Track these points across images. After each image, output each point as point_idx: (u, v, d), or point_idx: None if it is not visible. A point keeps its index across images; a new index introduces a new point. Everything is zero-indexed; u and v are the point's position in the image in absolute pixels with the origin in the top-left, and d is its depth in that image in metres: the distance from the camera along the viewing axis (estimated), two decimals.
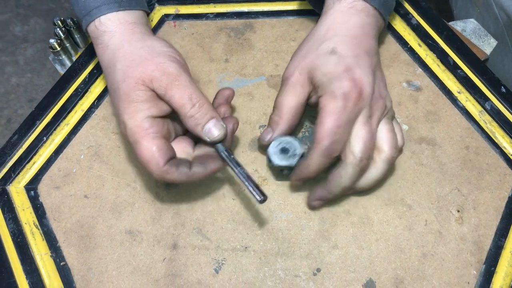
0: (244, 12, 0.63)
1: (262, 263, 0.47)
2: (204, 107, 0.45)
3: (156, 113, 0.45)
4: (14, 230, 0.50)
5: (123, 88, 0.45)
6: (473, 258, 0.47)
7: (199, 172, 0.45)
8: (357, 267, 0.47)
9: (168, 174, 0.44)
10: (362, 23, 0.50)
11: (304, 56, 0.49)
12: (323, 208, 0.50)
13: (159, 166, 0.44)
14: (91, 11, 0.50)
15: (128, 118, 0.44)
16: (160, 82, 0.44)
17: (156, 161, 0.43)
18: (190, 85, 0.45)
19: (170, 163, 0.44)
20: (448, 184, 0.51)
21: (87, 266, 0.48)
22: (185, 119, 0.45)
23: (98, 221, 0.50)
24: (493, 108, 0.54)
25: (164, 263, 0.48)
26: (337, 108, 0.44)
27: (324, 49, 0.48)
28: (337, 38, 0.48)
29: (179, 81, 0.45)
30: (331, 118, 0.44)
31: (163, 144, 0.45)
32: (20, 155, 0.53)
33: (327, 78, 0.46)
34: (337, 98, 0.45)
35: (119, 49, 0.48)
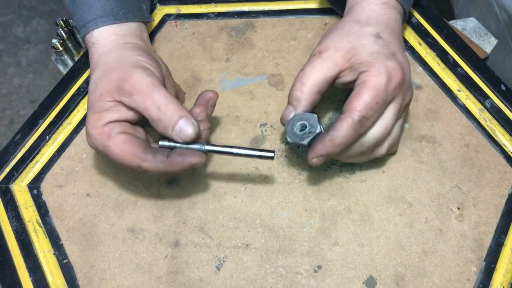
0: (245, 12, 0.63)
1: (263, 261, 0.48)
2: (169, 108, 0.44)
3: (116, 118, 0.45)
4: (17, 228, 0.50)
5: (91, 100, 0.46)
6: (473, 255, 0.48)
7: (177, 162, 0.44)
8: (358, 264, 0.47)
9: (144, 161, 0.43)
10: (396, 18, 0.51)
11: (343, 36, 0.48)
12: (324, 206, 0.50)
13: (133, 155, 0.44)
14: (87, 24, 0.51)
15: (91, 128, 0.45)
16: (122, 90, 0.45)
17: (128, 152, 0.44)
18: (154, 89, 0.44)
19: (145, 150, 0.44)
20: (448, 181, 0.51)
21: (89, 264, 0.48)
22: (154, 123, 0.45)
23: (100, 219, 0.51)
24: (493, 106, 0.55)
25: (166, 261, 0.48)
26: (380, 85, 0.44)
27: (367, 32, 0.48)
28: (380, 26, 0.49)
29: (141, 85, 0.44)
30: (372, 92, 0.44)
31: (131, 137, 0.45)
32: (23, 154, 0.54)
33: (374, 56, 0.46)
34: (382, 75, 0.44)
35: (97, 61, 0.49)
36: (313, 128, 0.46)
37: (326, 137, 0.44)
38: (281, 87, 0.57)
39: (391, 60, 0.45)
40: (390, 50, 0.47)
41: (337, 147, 0.44)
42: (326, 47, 0.48)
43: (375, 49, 0.46)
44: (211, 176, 0.52)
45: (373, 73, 0.44)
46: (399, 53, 0.47)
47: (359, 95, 0.44)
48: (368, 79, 0.44)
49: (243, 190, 0.51)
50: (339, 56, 0.47)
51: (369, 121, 0.44)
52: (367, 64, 0.45)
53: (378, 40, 0.47)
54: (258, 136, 0.54)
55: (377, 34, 0.48)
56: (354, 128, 0.44)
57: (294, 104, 0.47)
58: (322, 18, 0.62)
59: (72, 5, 0.52)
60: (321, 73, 0.46)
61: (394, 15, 0.51)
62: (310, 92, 0.46)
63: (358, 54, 0.46)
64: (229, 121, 0.55)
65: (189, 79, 0.58)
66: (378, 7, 0.51)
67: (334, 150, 0.44)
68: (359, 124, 0.44)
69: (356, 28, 0.49)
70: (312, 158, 0.45)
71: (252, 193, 0.51)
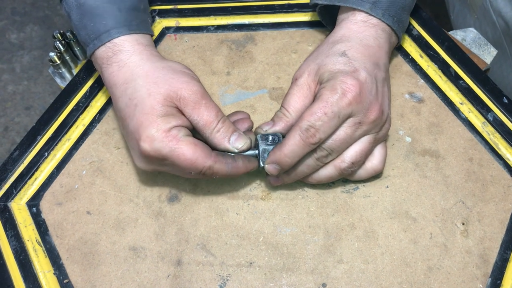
0: (245, 24, 0.62)
1: (267, 279, 0.47)
2: (227, 122, 0.47)
3: (181, 124, 0.46)
4: (16, 247, 0.49)
5: (149, 102, 0.45)
6: (478, 271, 0.47)
7: (243, 166, 0.47)
8: (362, 281, 0.47)
9: (217, 163, 0.45)
10: (376, 36, 0.51)
11: (314, 59, 0.50)
12: (328, 222, 0.50)
13: (208, 157, 0.45)
14: (100, 36, 0.50)
15: (157, 130, 0.44)
16: (187, 100, 0.45)
17: (202, 154, 0.44)
18: (214, 104, 0.47)
19: (216, 153, 0.46)
20: (452, 196, 0.51)
21: (91, 284, 0.48)
22: (211, 135, 0.46)
23: (101, 237, 0.50)
24: (495, 119, 0.54)
25: (168, 280, 0.47)
26: (331, 97, 0.45)
27: (335, 51, 0.49)
28: (349, 43, 0.49)
29: (205, 100, 0.46)
30: (321, 103, 0.45)
31: (198, 140, 0.46)
32: (21, 171, 0.53)
33: (333, 74, 0.46)
34: (335, 91, 0.45)
35: (139, 66, 0.48)
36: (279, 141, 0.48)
37: (277, 146, 0.47)
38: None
39: (348, 76, 0.46)
40: (352, 67, 0.47)
41: (286, 155, 0.46)
42: (301, 73, 0.50)
43: (336, 68, 0.47)
44: (213, 192, 0.52)
45: (327, 88, 0.45)
46: (363, 70, 0.47)
47: (309, 107, 0.45)
48: (322, 93, 0.45)
49: (246, 206, 0.51)
50: (311, 81, 0.49)
51: (318, 132, 0.44)
52: (325, 82, 0.47)
53: (341, 58, 0.48)
54: None
55: (343, 52, 0.48)
56: (301, 136, 0.45)
57: (275, 120, 0.50)
58: (322, 30, 0.62)
59: (81, 19, 0.51)
60: (299, 100, 0.49)
61: (373, 33, 0.51)
62: (292, 118, 0.49)
63: (322, 74, 0.48)
64: None
65: None
66: (356, 26, 0.51)
67: (283, 158, 0.46)
68: (307, 133, 0.44)
69: (327, 48, 0.50)
70: (266, 163, 0.48)
71: (255, 210, 0.51)
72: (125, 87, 0.47)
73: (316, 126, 0.44)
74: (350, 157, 0.47)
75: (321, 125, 0.44)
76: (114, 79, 0.49)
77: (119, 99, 0.48)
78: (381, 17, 0.51)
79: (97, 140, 0.55)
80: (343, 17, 0.53)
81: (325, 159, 0.47)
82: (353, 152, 0.47)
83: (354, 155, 0.47)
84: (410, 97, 0.57)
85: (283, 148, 0.46)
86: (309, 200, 0.51)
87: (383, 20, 0.51)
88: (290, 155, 0.46)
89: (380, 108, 0.47)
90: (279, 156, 0.46)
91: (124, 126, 0.48)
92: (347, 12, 0.52)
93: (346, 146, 0.47)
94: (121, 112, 0.48)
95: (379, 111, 0.47)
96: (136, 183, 0.52)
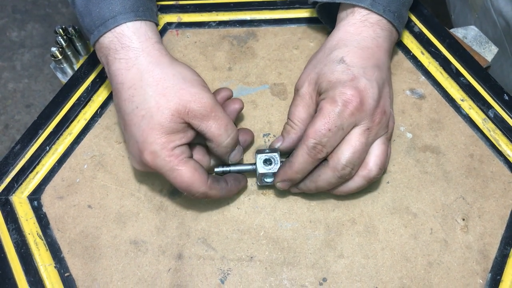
0: (247, 20, 0.63)
1: (268, 273, 0.47)
2: (235, 137, 0.47)
3: (186, 142, 0.46)
4: (17, 241, 0.49)
5: (157, 118, 0.44)
6: (478, 267, 0.47)
7: (235, 187, 0.49)
8: (363, 276, 0.47)
9: (212, 189, 0.46)
10: (375, 36, 0.50)
11: (313, 67, 0.50)
12: (328, 217, 0.50)
13: (204, 184, 0.45)
14: (106, 22, 0.48)
15: (161, 149, 0.44)
16: (196, 113, 0.45)
17: (199, 180, 0.45)
18: (225, 115, 0.46)
19: (212, 180, 0.46)
20: (453, 192, 0.51)
21: (91, 277, 0.48)
22: (218, 147, 0.47)
23: (102, 231, 0.50)
24: (496, 116, 0.54)
25: (169, 274, 0.47)
26: (333, 112, 0.45)
27: (332, 58, 0.48)
28: (347, 49, 0.49)
29: (215, 112, 0.46)
30: (324, 120, 0.45)
31: (199, 164, 0.46)
32: (23, 165, 0.53)
33: (332, 84, 0.46)
34: (336, 103, 0.45)
35: (149, 72, 0.46)
36: (277, 160, 0.49)
37: (286, 163, 0.47)
38: (283, 97, 0.57)
39: (347, 86, 0.45)
40: (351, 75, 0.46)
41: (296, 172, 0.46)
42: (301, 83, 0.50)
43: (334, 77, 0.47)
44: None
45: (327, 101, 0.46)
46: (362, 76, 0.46)
47: (313, 123, 0.45)
48: (323, 107, 0.46)
49: (247, 201, 0.51)
50: (312, 90, 0.49)
51: (325, 147, 0.45)
52: (325, 93, 0.47)
53: (339, 66, 0.47)
54: (261, 146, 0.54)
55: (340, 59, 0.48)
56: (309, 154, 0.45)
57: (284, 135, 0.50)
58: (324, 27, 0.62)
59: (86, 4, 0.49)
60: (303, 110, 0.49)
61: (371, 33, 0.50)
62: (299, 128, 0.49)
63: (321, 84, 0.48)
64: None
65: None
66: (353, 27, 0.50)
67: (293, 175, 0.47)
68: (314, 150, 0.45)
69: (324, 55, 0.50)
70: (276, 182, 0.49)
71: (256, 204, 0.51)
72: (133, 93, 0.46)
73: (322, 143, 0.45)
74: (375, 164, 0.47)
75: (327, 141, 0.45)
76: (122, 78, 0.47)
77: (124, 101, 0.47)
78: (382, 13, 0.50)
79: (99, 135, 0.55)
80: (342, 17, 0.52)
81: (349, 175, 0.47)
82: (375, 157, 0.47)
83: (378, 160, 0.47)
84: (411, 93, 0.57)
85: (292, 166, 0.46)
86: (309, 195, 0.51)
87: (384, 16, 0.50)
88: (300, 172, 0.46)
89: (382, 110, 0.47)
90: (290, 174, 0.47)
91: (126, 129, 0.47)
92: (346, 10, 0.52)
93: (365, 155, 0.47)
94: (126, 115, 0.47)
95: (382, 113, 0.47)
96: (138, 177, 0.52)
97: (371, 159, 0.47)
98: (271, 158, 0.49)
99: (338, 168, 0.45)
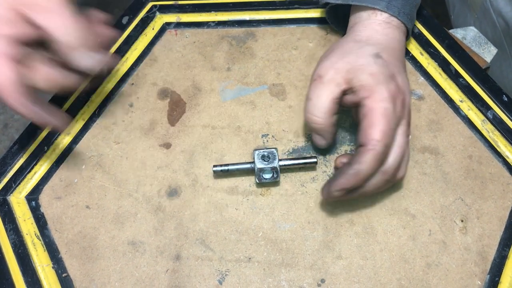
0: (246, 21, 0.62)
1: (266, 274, 0.47)
2: (83, 37, 0.41)
3: (16, 35, 0.40)
4: (15, 241, 0.49)
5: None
6: (477, 269, 0.47)
7: (48, 115, 0.43)
8: (361, 277, 0.47)
9: (23, 106, 0.41)
10: (399, 39, 0.51)
11: (341, 56, 0.47)
12: (327, 218, 0.50)
13: (16, 94, 0.40)
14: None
15: None
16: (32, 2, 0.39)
17: (12, 87, 0.40)
18: (76, 17, 0.40)
19: (31, 99, 0.41)
20: (451, 193, 0.51)
21: (89, 278, 0.48)
22: (60, 46, 0.41)
23: (100, 231, 0.50)
24: (495, 117, 0.54)
25: (167, 275, 0.47)
26: (389, 109, 0.43)
27: (367, 52, 0.47)
28: (380, 46, 0.48)
29: (62, 8, 0.40)
30: (384, 119, 0.43)
31: (24, 74, 0.41)
32: (21, 165, 0.53)
33: (374, 79, 0.45)
34: (386, 100, 0.43)
35: None
36: (275, 157, 0.50)
37: (349, 171, 0.43)
38: (282, 97, 0.57)
39: (391, 83, 0.45)
40: (390, 71, 0.46)
41: (362, 180, 0.43)
42: (326, 70, 0.47)
43: (375, 70, 0.45)
44: (212, 188, 0.52)
45: (377, 99, 0.44)
46: (399, 74, 0.47)
47: (374, 125, 0.43)
48: (376, 106, 0.43)
49: (245, 202, 0.51)
50: (340, 78, 0.46)
51: (389, 147, 0.44)
52: (369, 89, 0.44)
53: (378, 60, 0.46)
54: (260, 147, 0.54)
55: (376, 54, 0.47)
56: (378, 159, 0.43)
57: (321, 134, 0.48)
58: (323, 27, 0.62)
59: None
60: (328, 99, 0.46)
61: (397, 35, 0.51)
62: (327, 122, 0.46)
63: (358, 75, 0.45)
64: (231, 131, 0.55)
65: (190, 88, 0.58)
66: (380, 27, 0.51)
67: (358, 183, 0.44)
68: (383, 154, 0.43)
69: (355, 47, 0.48)
70: (334, 191, 0.44)
71: (254, 205, 0.51)
72: None
73: (388, 145, 0.43)
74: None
75: (390, 141, 0.43)
76: None
77: None
78: (397, 15, 0.50)
79: (97, 135, 0.55)
80: (363, 16, 0.52)
81: (395, 177, 0.46)
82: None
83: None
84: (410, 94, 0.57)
85: (359, 174, 0.43)
86: (308, 196, 0.51)
87: (399, 18, 0.51)
88: (366, 177, 0.44)
89: (411, 110, 0.48)
90: (355, 182, 0.43)
91: None
92: (365, 11, 0.52)
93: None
94: None
95: (411, 113, 0.48)
96: (136, 177, 0.52)
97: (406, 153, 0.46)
98: (269, 154, 0.49)
99: (389, 171, 0.44)
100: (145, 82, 0.58)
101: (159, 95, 0.57)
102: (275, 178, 0.50)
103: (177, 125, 0.55)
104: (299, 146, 0.54)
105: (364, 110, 0.44)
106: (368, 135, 0.43)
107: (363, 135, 0.43)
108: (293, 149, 0.54)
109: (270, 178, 0.50)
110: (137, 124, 0.55)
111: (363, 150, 0.43)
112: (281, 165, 0.50)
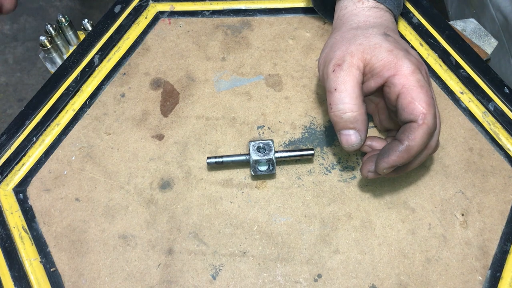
0: (241, 10, 0.61)
1: (261, 269, 0.46)
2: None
3: None
4: (1, 235, 0.48)
5: None
6: (478, 263, 0.46)
7: None
8: (359, 272, 0.46)
9: None
10: (393, 21, 0.50)
11: (350, 42, 0.45)
12: (324, 211, 0.48)
13: None
14: None
15: None
16: None
17: None
18: None
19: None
20: (452, 187, 0.50)
21: (78, 272, 0.46)
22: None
23: (90, 225, 0.48)
24: (496, 109, 0.53)
25: (159, 269, 0.46)
26: (422, 81, 0.42)
27: (374, 32, 0.46)
28: (382, 27, 0.47)
29: None
30: (422, 90, 0.41)
31: None
32: (8, 156, 0.51)
33: (393, 55, 0.43)
34: (416, 72, 0.42)
35: None
36: (271, 148, 0.49)
37: (400, 147, 0.42)
38: (278, 88, 0.55)
39: (410, 55, 0.44)
40: (402, 46, 0.45)
41: (413, 156, 0.42)
42: (341, 58, 0.45)
43: (391, 46, 0.44)
44: (206, 180, 0.50)
45: (406, 73, 0.42)
46: (409, 48, 0.46)
47: (415, 99, 0.41)
48: (408, 81, 0.42)
49: (240, 195, 0.49)
50: (358, 60, 0.44)
51: (436, 119, 0.42)
52: (393, 66, 0.43)
53: (389, 37, 0.45)
54: (256, 139, 0.52)
55: (384, 33, 0.46)
56: (430, 132, 0.42)
57: (355, 126, 0.44)
58: (320, 17, 0.60)
59: None
60: (354, 83, 0.44)
61: (389, 17, 0.50)
62: (361, 109, 0.44)
63: (376, 54, 0.44)
64: (225, 122, 0.53)
65: (184, 78, 0.56)
66: (372, 12, 0.49)
67: (410, 159, 0.43)
68: (433, 126, 0.42)
69: (359, 32, 0.46)
70: (383, 168, 0.43)
71: (249, 198, 0.49)
72: None
73: (435, 115, 0.42)
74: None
75: (435, 111, 0.42)
76: None
77: None
78: (383, 2, 0.49)
79: (87, 126, 0.53)
80: (349, 5, 0.50)
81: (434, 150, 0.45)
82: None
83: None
84: None
85: (411, 150, 0.42)
86: (305, 189, 0.49)
87: (385, 5, 0.50)
88: (418, 153, 0.42)
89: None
90: (407, 158, 0.42)
91: None
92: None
93: None
94: None
95: None
96: (127, 169, 0.51)
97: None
98: (265, 146, 0.48)
99: (433, 144, 0.44)
100: (138, 72, 0.57)
101: (152, 85, 0.56)
102: (271, 170, 0.48)
103: (170, 116, 0.54)
104: (295, 138, 0.52)
105: (397, 89, 0.42)
106: (413, 111, 0.41)
107: (407, 113, 0.42)
108: (289, 141, 0.52)
109: (265, 170, 0.48)
110: (129, 115, 0.54)
111: (413, 126, 0.41)
112: (277, 157, 0.49)
